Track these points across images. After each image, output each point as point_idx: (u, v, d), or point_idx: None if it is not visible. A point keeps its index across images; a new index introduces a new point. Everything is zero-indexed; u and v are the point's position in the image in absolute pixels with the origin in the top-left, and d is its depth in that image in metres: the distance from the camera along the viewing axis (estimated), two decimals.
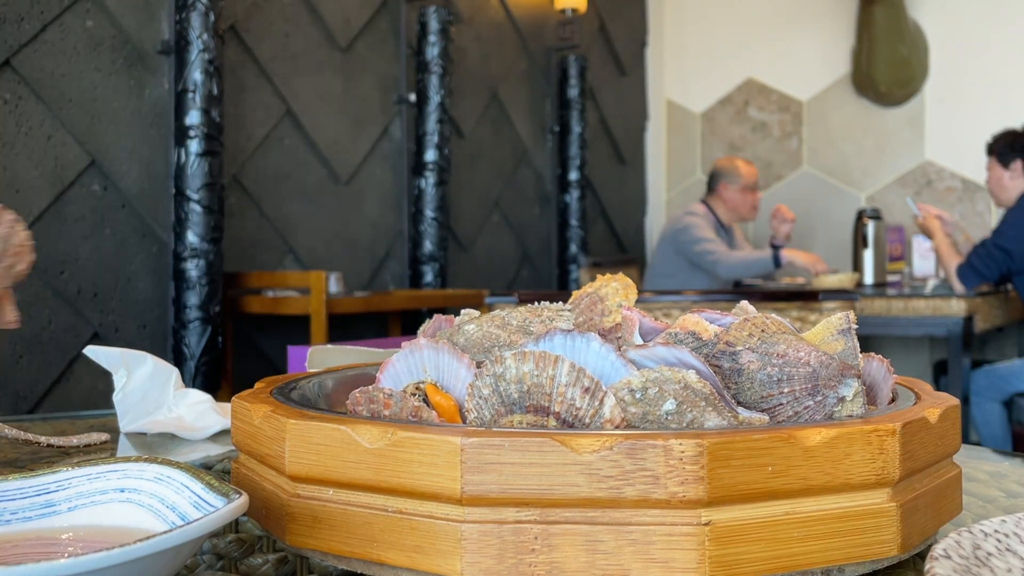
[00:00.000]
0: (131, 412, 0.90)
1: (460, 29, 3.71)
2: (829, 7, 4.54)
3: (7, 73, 2.32)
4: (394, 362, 0.53)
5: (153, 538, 0.35)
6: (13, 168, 2.32)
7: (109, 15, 2.54)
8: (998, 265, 3.20)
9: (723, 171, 3.90)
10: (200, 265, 2.58)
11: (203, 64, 2.57)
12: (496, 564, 0.40)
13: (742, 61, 4.77)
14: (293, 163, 3.09)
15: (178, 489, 0.45)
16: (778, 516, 0.41)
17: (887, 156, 4.45)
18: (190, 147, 2.57)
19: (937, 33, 4.30)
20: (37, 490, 0.47)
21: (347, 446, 0.43)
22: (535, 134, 4.19)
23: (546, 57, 4.25)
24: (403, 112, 3.46)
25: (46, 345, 2.38)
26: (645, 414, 0.45)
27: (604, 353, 0.47)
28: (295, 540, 0.46)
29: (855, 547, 0.42)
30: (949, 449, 0.49)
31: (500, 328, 0.55)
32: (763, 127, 4.76)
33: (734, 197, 3.86)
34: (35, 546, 0.44)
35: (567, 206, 4.26)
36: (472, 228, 3.83)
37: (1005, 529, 0.40)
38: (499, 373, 0.46)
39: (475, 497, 0.40)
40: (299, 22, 3.10)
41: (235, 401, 0.53)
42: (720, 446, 0.39)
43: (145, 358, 0.91)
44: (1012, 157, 3.31)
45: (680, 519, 0.39)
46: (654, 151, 4.99)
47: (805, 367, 0.47)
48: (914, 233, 4.05)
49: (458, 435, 0.41)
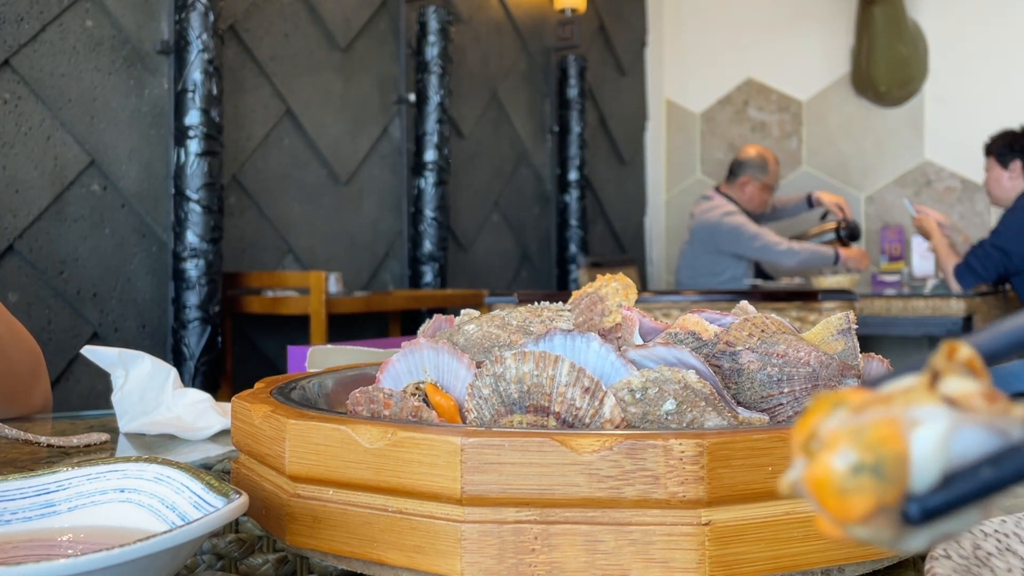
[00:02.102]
0: (130, 412, 0.90)
1: (460, 29, 3.71)
2: (828, 7, 4.54)
3: (6, 73, 2.32)
4: (394, 362, 0.53)
5: (153, 538, 0.35)
6: (12, 168, 2.32)
7: (109, 15, 2.54)
8: (996, 265, 3.20)
9: (750, 163, 3.84)
10: (200, 265, 2.58)
11: (203, 64, 2.57)
12: (496, 564, 0.40)
13: (742, 61, 4.77)
14: (293, 163, 3.09)
15: (178, 489, 0.45)
16: (778, 516, 0.41)
17: (886, 156, 4.45)
18: (190, 147, 2.57)
19: (936, 33, 4.30)
20: (37, 490, 0.47)
21: (347, 446, 0.43)
22: (535, 134, 4.19)
23: (546, 57, 4.25)
24: (403, 112, 3.46)
25: (45, 345, 2.38)
26: (645, 414, 0.45)
27: (604, 353, 0.47)
28: (295, 540, 0.46)
29: (855, 547, 0.42)
30: None
31: (500, 328, 0.55)
32: (763, 127, 4.76)
33: (752, 192, 3.83)
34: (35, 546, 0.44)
35: (567, 206, 4.26)
36: (472, 228, 3.83)
37: (1005, 529, 0.40)
38: (499, 373, 0.46)
39: (475, 497, 0.40)
40: (299, 22, 3.10)
41: (235, 401, 0.53)
42: (720, 446, 0.39)
43: (143, 358, 0.91)
44: (1011, 157, 3.31)
45: (680, 519, 0.39)
46: (654, 151, 4.99)
47: (805, 367, 0.47)
48: (913, 233, 4.05)
49: (458, 435, 0.41)
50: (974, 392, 0.28)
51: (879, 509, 0.27)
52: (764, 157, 3.85)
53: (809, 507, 0.42)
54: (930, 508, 0.27)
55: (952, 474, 0.27)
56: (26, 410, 1.02)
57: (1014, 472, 0.27)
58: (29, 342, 1.03)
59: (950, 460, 0.27)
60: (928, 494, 0.27)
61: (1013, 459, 0.27)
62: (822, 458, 0.27)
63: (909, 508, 0.28)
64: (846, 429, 0.27)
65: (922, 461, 0.27)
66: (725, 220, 3.71)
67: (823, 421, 0.28)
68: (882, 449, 0.27)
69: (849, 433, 0.27)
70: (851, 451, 0.27)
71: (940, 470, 0.27)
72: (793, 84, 4.67)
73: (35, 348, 1.04)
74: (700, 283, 3.77)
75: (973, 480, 0.27)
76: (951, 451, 0.27)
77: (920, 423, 0.27)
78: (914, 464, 0.27)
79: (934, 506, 0.27)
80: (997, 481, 0.27)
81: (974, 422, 0.27)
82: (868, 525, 0.27)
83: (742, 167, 3.85)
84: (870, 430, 0.27)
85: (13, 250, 2.32)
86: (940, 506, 0.27)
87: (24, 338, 1.02)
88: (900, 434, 0.27)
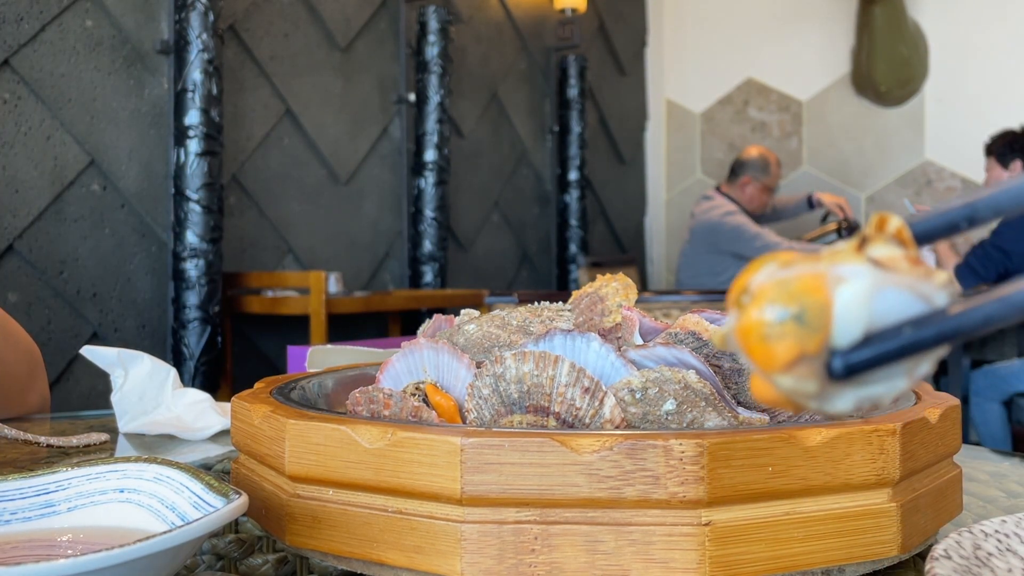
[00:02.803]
0: (129, 412, 0.89)
1: (460, 29, 3.71)
2: (829, 7, 4.54)
3: (6, 73, 2.32)
4: (394, 362, 0.53)
5: (152, 538, 0.35)
6: (12, 168, 2.32)
7: (108, 15, 2.53)
8: (996, 265, 3.20)
9: (752, 164, 3.83)
10: (199, 265, 2.58)
11: (202, 64, 2.57)
12: (496, 564, 0.40)
13: (742, 61, 4.77)
14: (292, 163, 3.09)
15: (177, 489, 0.45)
16: (778, 516, 0.41)
17: (887, 156, 4.45)
18: (189, 147, 2.57)
19: (937, 33, 4.30)
20: (36, 490, 0.47)
21: (347, 446, 0.43)
22: (535, 134, 4.19)
23: (546, 57, 4.25)
24: (402, 112, 3.46)
25: (45, 345, 2.38)
26: (645, 414, 0.45)
27: (604, 353, 0.47)
28: (295, 540, 0.46)
29: (855, 547, 0.42)
30: (949, 449, 0.49)
31: (500, 328, 0.55)
32: (763, 127, 4.76)
33: (753, 192, 3.83)
34: (34, 547, 0.44)
35: (567, 206, 4.26)
36: (472, 228, 3.82)
37: (1005, 529, 0.40)
38: (499, 373, 0.46)
39: (475, 497, 0.40)
40: (298, 22, 3.10)
41: (235, 401, 0.53)
42: (720, 446, 0.39)
43: (142, 357, 0.91)
44: (1011, 157, 3.31)
45: (680, 519, 0.39)
46: (654, 151, 4.99)
47: None
48: None
49: (458, 435, 0.41)
50: (899, 256, 0.28)
51: (802, 357, 0.27)
52: (766, 158, 3.84)
53: (810, 508, 0.42)
54: (853, 363, 0.28)
55: (875, 333, 0.28)
56: (22, 410, 1.02)
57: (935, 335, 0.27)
58: (25, 342, 1.03)
59: (873, 318, 0.28)
60: (851, 349, 0.28)
61: (935, 322, 0.27)
62: (750, 309, 0.28)
63: (833, 362, 0.28)
64: (773, 281, 0.28)
65: (845, 315, 0.27)
66: (726, 220, 3.71)
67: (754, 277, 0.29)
68: (805, 299, 0.27)
69: (775, 285, 0.28)
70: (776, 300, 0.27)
71: (863, 327, 0.28)
72: (793, 84, 4.67)
73: (32, 348, 1.04)
74: (700, 283, 3.77)
75: (895, 339, 0.28)
76: (874, 309, 0.28)
77: (845, 279, 0.28)
78: (837, 318, 0.27)
79: (856, 361, 0.28)
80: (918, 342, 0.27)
81: (897, 284, 0.28)
82: (792, 374, 0.28)
83: (743, 167, 3.84)
84: (795, 282, 0.28)
85: (13, 250, 2.32)
86: (862, 362, 0.28)
87: (20, 338, 1.02)
88: (824, 286, 0.27)
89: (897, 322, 0.28)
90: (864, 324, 0.28)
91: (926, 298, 0.28)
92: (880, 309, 0.28)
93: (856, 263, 0.28)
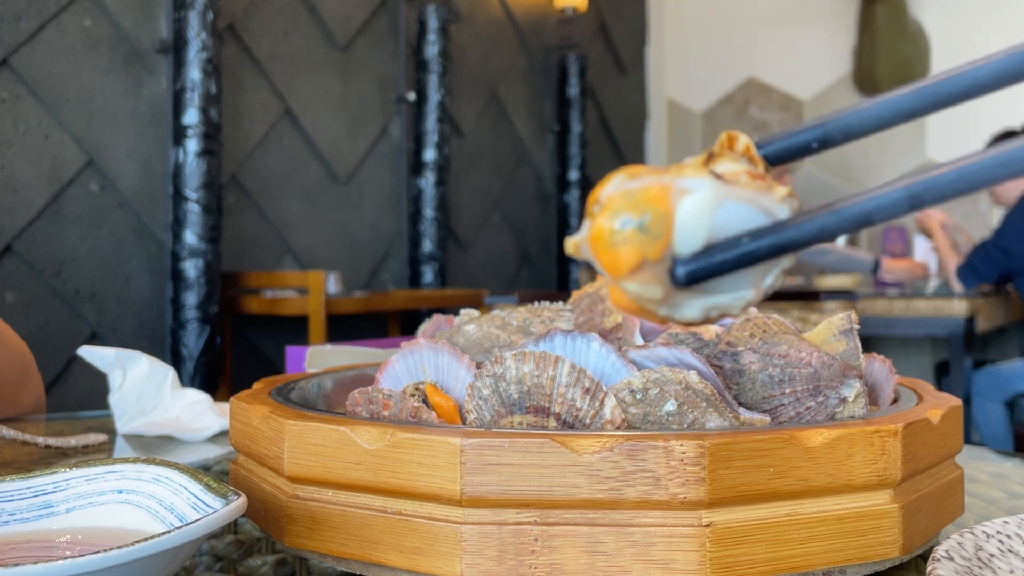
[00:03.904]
0: (128, 412, 0.89)
1: (459, 28, 3.71)
2: (831, 6, 4.54)
3: (4, 72, 2.31)
4: (393, 362, 0.53)
5: (151, 539, 0.35)
6: (10, 167, 2.32)
7: (107, 14, 2.53)
8: (998, 265, 3.20)
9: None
10: (198, 265, 2.58)
11: (201, 63, 2.57)
12: (496, 566, 0.40)
13: (743, 60, 4.77)
14: (292, 162, 3.09)
15: (176, 490, 0.45)
16: (779, 517, 0.41)
17: (888, 155, 4.45)
18: (188, 146, 2.57)
19: (939, 32, 4.30)
20: (35, 491, 0.47)
21: (346, 447, 0.43)
22: (535, 133, 4.19)
23: (546, 56, 4.25)
24: (402, 111, 3.45)
25: (43, 345, 2.38)
26: (646, 415, 0.44)
27: (604, 354, 0.47)
28: (294, 541, 0.45)
29: (857, 548, 0.42)
30: (951, 450, 0.49)
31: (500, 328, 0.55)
32: (764, 126, 4.76)
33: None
34: (33, 548, 0.44)
35: (567, 206, 4.26)
36: (472, 228, 3.82)
37: (1007, 530, 0.40)
38: (499, 373, 0.45)
39: (475, 498, 0.40)
40: (298, 21, 3.09)
41: (234, 402, 0.53)
42: (721, 447, 0.39)
43: (140, 357, 0.90)
44: None
45: (681, 520, 0.39)
46: (654, 150, 4.99)
47: (807, 368, 0.47)
48: (915, 233, 4.05)
49: (458, 436, 0.40)
50: (741, 171, 0.30)
51: (644, 263, 0.29)
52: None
53: (811, 509, 0.41)
54: (693, 271, 0.30)
55: (715, 243, 0.29)
56: (17, 411, 1.02)
57: (772, 245, 0.29)
58: (14, 342, 1.03)
59: (715, 229, 0.29)
60: (692, 257, 0.30)
61: (772, 233, 0.29)
62: (599, 218, 0.30)
63: (676, 269, 0.30)
64: (621, 192, 0.30)
65: (686, 225, 0.29)
66: None
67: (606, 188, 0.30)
68: (649, 208, 0.29)
69: (623, 195, 0.30)
70: (621, 209, 0.29)
71: (704, 237, 0.30)
72: (795, 83, 4.67)
73: (22, 349, 1.04)
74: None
75: (734, 248, 0.29)
76: (715, 220, 0.29)
77: (688, 191, 0.29)
78: (679, 227, 0.29)
79: (697, 269, 0.30)
80: (756, 251, 0.29)
81: (738, 197, 0.29)
82: (637, 279, 0.30)
83: None
84: (641, 192, 0.29)
85: (11, 250, 2.32)
86: (702, 269, 0.30)
87: (8, 338, 1.02)
88: (667, 197, 0.29)
89: (737, 233, 0.29)
90: (705, 234, 0.29)
91: (767, 211, 0.29)
92: (722, 220, 0.29)
93: (699, 176, 0.29)
